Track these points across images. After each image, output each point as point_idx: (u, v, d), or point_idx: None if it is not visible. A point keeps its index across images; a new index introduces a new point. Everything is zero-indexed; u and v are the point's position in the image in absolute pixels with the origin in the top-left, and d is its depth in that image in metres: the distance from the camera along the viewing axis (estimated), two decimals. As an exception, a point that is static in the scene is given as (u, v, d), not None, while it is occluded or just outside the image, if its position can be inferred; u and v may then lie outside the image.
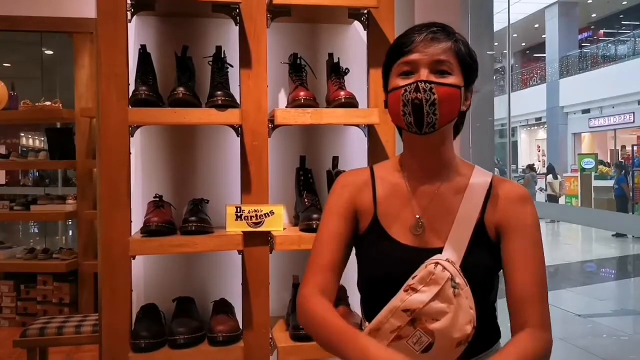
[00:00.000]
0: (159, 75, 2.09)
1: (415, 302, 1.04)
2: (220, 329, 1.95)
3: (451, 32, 1.14)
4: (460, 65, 1.12)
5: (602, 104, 20.22)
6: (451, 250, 1.11)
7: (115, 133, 1.94)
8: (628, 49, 19.31)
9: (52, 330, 3.23)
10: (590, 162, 16.62)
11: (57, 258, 4.84)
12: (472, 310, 1.06)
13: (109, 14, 1.96)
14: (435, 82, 1.08)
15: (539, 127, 25.33)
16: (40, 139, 7.49)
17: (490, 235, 1.15)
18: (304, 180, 2.18)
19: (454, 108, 1.11)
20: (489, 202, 1.15)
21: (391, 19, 2.16)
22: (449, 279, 1.05)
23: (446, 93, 1.09)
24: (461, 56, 1.12)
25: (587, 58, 21.06)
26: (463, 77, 1.13)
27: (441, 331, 1.03)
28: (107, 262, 1.92)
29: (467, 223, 1.13)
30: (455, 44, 1.12)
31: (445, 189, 1.17)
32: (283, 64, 2.20)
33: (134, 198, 2.05)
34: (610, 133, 21.71)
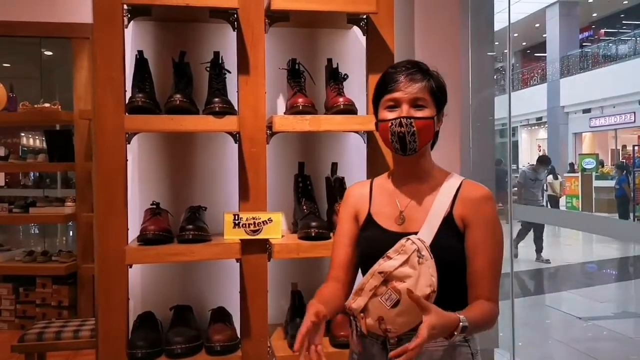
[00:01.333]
0: (156, 81, 2.07)
1: (388, 266, 1.34)
2: (218, 339, 1.93)
3: (426, 71, 1.45)
4: (433, 99, 1.43)
5: (603, 104, 20.18)
6: (423, 233, 1.40)
7: (111, 139, 1.92)
8: (629, 49, 19.26)
9: (50, 335, 3.21)
10: (591, 162, 16.59)
11: (56, 261, 4.82)
12: (433, 278, 1.32)
13: (105, 20, 1.94)
14: (414, 117, 1.40)
15: (539, 126, 25.29)
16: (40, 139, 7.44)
17: (458, 225, 1.41)
18: (302, 187, 2.16)
19: (430, 134, 1.43)
20: (457, 199, 1.43)
21: (390, 24, 2.14)
22: (415, 250, 1.34)
23: (423, 124, 1.41)
24: (433, 92, 1.43)
25: (588, 58, 21.02)
26: (435, 107, 1.43)
27: (405, 290, 1.28)
28: (103, 271, 1.91)
29: (438, 214, 1.42)
30: (428, 82, 1.42)
31: (423, 189, 1.47)
32: (281, 69, 2.18)
33: (131, 205, 2.03)
34: (611, 133, 21.68)
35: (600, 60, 20.44)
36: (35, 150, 7.64)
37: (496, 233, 1.42)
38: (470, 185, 1.45)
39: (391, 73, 1.45)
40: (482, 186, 1.45)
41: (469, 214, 1.40)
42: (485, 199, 1.42)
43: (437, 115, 1.44)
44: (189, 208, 2.05)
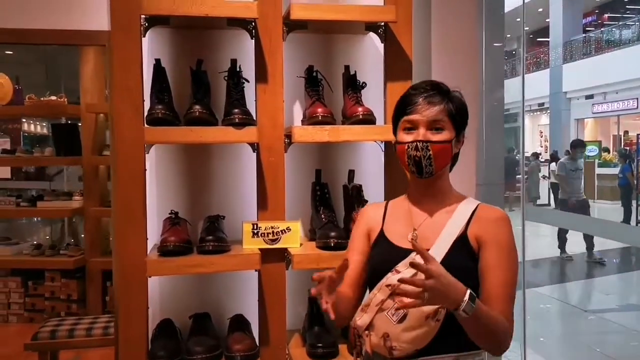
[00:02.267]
0: (173, 89, 2.06)
1: (396, 279, 1.28)
2: (238, 348, 1.94)
3: (446, 93, 1.44)
4: (452, 122, 1.43)
5: (606, 90, 20.10)
6: (434, 251, 1.38)
7: (130, 150, 1.92)
8: (632, 34, 19.14)
9: (64, 333, 3.23)
10: (593, 150, 16.58)
11: (65, 254, 4.84)
12: None
13: (122, 29, 1.92)
14: (430, 141, 1.40)
15: (541, 112, 25.22)
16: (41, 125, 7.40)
17: (473, 245, 1.40)
18: (320, 195, 2.16)
19: (447, 158, 1.44)
20: (472, 220, 1.43)
21: (409, 32, 2.12)
22: None
23: (439, 148, 1.41)
24: (452, 115, 1.43)
25: (591, 43, 20.89)
26: (454, 129, 1.43)
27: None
28: (123, 283, 1.91)
29: (451, 233, 1.41)
30: (447, 105, 1.42)
31: (439, 210, 1.47)
32: (299, 76, 2.17)
33: (150, 214, 2.03)
34: (614, 119, 21.62)
35: (604, 45, 20.31)
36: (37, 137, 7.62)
37: (511, 255, 1.40)
38: (486, 208, 1.46)
39: (410, 95, 1.45)
40: (498, 209, 1.46)
41: (483, 235, 1.40)
42: (502, 220, 1.43)
43: (456, 137, 1.44)
44: (207, 217, 2.05)
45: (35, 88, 5.69)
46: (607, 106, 20.63)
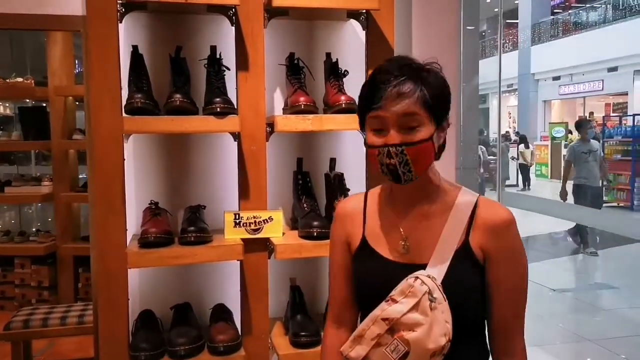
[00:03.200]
0: (152, 76, 2.01)
1: (394, 312, 1.13)
2: (221, 339, 1.93)
3: (418, 75, 1.15)
4: (429, 113, 1.15)
5: (573, 72, 20.44)
6: (434, 267, 1.18)
7: (108, 141, 1.87)
8: (599, 17, 19.44)
9: (37, 323, 3.18)
10: (560, 131, 16.89)
11: (35, 241, 4.75)
12: (447, 324, 1.13)
13: (98, 16, 1.86)
14: (405, 144, 1.13)
15: (510, 94, 25.53)
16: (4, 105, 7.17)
17: (477, 256, 1.20)
18: (302, 184, 2.15)
19: (428, 159, 1.17)
20: (474, 223, 1.20)
21: (390, 19, 2.11)
22: (427, 292, 1.12)
23: (418, 151, 1.14)
24: (428, 104, 1.14)
25: (558, 25, 21.15)
26: (434, 121, 1.16)
27: (416, 341, 1.11)
28: (102, 275, 1.88)
29: (451, 242, 1.19)
30: (421, 92, 1.14)
31: (431, 210, 1.23)
32: (280, 64, 2.14)
33: (129, 204, 1.99)
34: (580, 100, 22.03)
35: (571, 27, 20.59)
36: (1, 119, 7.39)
37: (521, 264, 1.21)
38: (487, 207, 1.21)
39: (374, 83, 1.17)
40: (501, 206, 1.22)
41: (490, 244, 1.18)
42: (508, 224, 1.19)
43: (436, 130, 1.16)
44: (188, 208, 2.03)
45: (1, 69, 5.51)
46: (573, 88, 21.00)
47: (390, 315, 1.13)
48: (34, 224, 5.79)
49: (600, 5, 19.44)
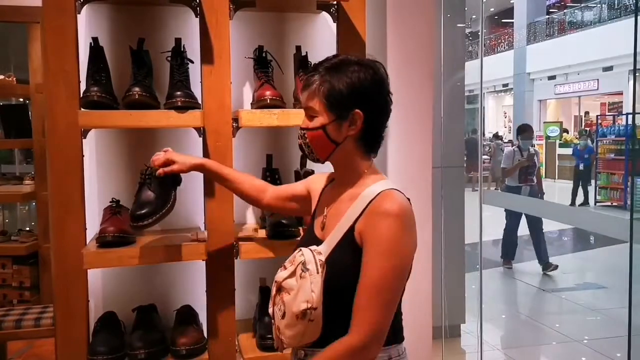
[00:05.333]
0: (113, 71, 1.94)
1: (279, 277, 1.35)
2: (184, 342, 1.86)
3: (325, 73, 1.32)
4: (326, 105, 1.31)
5: (568, 71, 20.41)
6: (325, 245, 1.34)
7: (65, 136, 1.80)
8: (594, 16, 19.41)
9: (10, 324, 3.12)
10: (555, 130, 16.86)
11: (16, 240, 4.66)
12: (313, 293, 1.27)
13: (55, 5, 1.79)
14: (305, 129, 1.36)
15: (505, 93, 25.51)
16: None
17: (357, 241, 1.30)
18: (271, 181, 2.07)
19: (324, 144, 1.34)
20: (364, 212, 1.30)
21: (362, 11, 2.04)
22: (301, 262, 1.30)
23: (312, 136, 1.35)
24: (324, 98, 1.31)
25: (554, 24, 21.12)
26: (332, 112, 1.31)
27: (287, 303, 1.30)
28: (60, 275, 1.81)
29: (345, 226, 1.32)
30: (320, 86, 1.31)
31: (345, 196, 1.38)
32: (247, 57, 2.07)
33: (90, 202, 1.92)
34: (575, 99, 22.02)
35: (566, 27, 20.56)
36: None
37: (389, 256, 1.24)
38: (382, 199, 1.29)
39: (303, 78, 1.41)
40: (393, 200, 1.28)
41: (366, 230, 1.28)
42: (385, 215, 1.25)
43: (335, 121, 1.31)
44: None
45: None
46: (568, 87, 20.98)
47: (277, 278, 1.35)
48: (18, 223, 5.72)
49: (596, 4, 19.41)
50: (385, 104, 1.35)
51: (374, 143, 1.38)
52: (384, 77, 1.35)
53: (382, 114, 1.35)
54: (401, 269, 1.26)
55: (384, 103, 1.34)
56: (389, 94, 1.36)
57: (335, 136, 1.33)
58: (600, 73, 18.94)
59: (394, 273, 1.25)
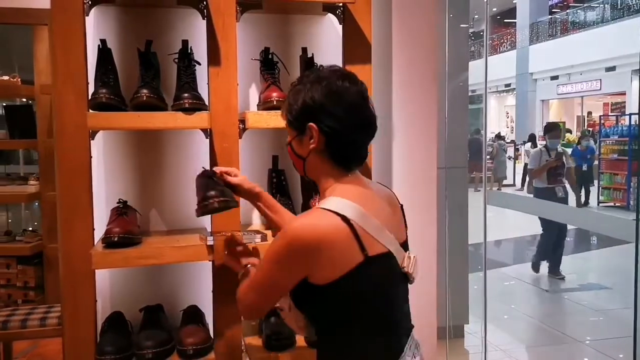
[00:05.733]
0: (121, 72, 1.95)
1: None
2: (190, 342, 1.87)
3: (293, 89, 1.38)
4: (288, 122, 1.39)
5: (571, 71, 20.40)
6: None
7: (73, 138, 1.81)
8: (597, 16, 19.39)
9: (16, 324, 3.13)
10: (557, 131, 16.80)
11: (21, 241, 4.68)
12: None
13: (63, 8, 1.80)
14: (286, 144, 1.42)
15: (508, 93, 25.50)
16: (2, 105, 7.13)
17: None
18: (277, 182, 2.10)
19: (294, 159, 1.40)
20: None
21: (368, 13, 2.05)
22: None
23: (289, 152, 1.42)
24: (287, 115, 1.38)
25: (556, 24, 21.11)
26: (293, 129, 1.37)
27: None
28: (68, 276, 1.82)
29: None
30: (286, 102, 1.39)
31: None
32: (254, 59, 2.09)
33: (98, 203, 1.93)
34: (578, 100, 22.00)
35: (569, 27, 20.55)
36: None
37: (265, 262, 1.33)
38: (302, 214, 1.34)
39: None
40: (303, 219, 1.28)
41: None
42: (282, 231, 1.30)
43: (297, 136, 1.36)
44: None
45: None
46: (571, 87, 20.97)
47: None
48: (23, 223, 5.74)
49: (598, 4, 19.39)
50: (346, 116, 1.31)
51: (344, 155, 1.35)
52: (342, 91, 1.31)
53: (345, 127, 1.31)
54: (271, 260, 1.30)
55: (343, 115, 1.30)
56: (353, 107, 1.32)
57: (299, 151, 1.38)
58: (603, 73, 18.93)
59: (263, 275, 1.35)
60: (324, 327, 1.34)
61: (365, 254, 1.24)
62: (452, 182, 3.71)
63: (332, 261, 1.22)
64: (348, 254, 1.23)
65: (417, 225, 2.48)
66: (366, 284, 1.26)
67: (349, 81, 1.33)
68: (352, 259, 1.23)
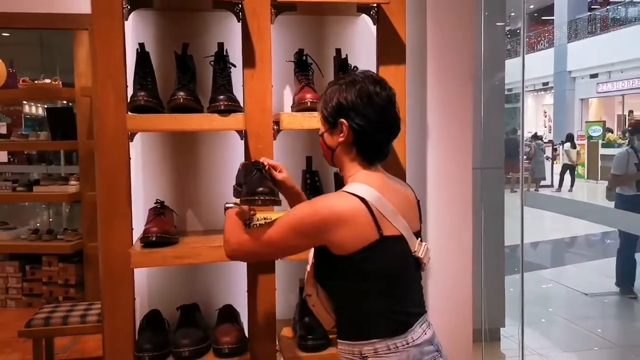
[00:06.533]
0: (158, 75, 2.00)
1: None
2: (226, 340, 1.90)
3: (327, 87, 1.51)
4: (323, 116, 1.50)
5: (611, 69, 19.88)
6: None
7: (113, 139, 1.86)
8: (639, 12, 18.87)
9: (57, 320, 3.21)
10: (597, 130, 16.44)
11: (62, 239, 4.81)
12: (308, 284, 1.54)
13: (104, 13, 1.85)
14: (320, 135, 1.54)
15: (545, 92, 25.00)
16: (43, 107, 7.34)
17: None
18: (310, 183, 2.11)
19: (324, 149, 1.53)
20: None
21: (402, 13, 2.04)
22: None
23: (320, 142, 1.54)
24: (323, 110, 1.50)
25: (596, 21, 20.61)
26: (327, 123, 1.49)
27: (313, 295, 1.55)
28: (108, 274, 1.87)
29: None
30: (321, 99, 1.52)
31: None
32: (288, 61, 2.10)
33: (136, 203, 1.98)
34: (618, 98, 21.42)
35: (609, 23, 20.04)
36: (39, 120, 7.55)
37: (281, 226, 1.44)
38: None
39: None
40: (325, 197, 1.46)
41: None
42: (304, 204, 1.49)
43: (329, 130, 1.49)
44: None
45: (31, 70, 5.62)
46: (611, 85, 20.43)
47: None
48: (64, 222, 5.89)
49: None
50: (374, 117, 1.44)
51: (368, 151, 1.47)
52: (373, 95, 1.44)
53: (372, 126, 1.44)
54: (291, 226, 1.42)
55: (372, 116, 1.44)
56: (381, 109, 1.45)
57: (330, 143, 1.50)
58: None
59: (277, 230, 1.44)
60: (341, 302, 1.47)
61: (380, 233, 1.37)
62: (488, 182, 3.66)
63: (351, 235, 1.36)
64: (365, 231, 1.37)
65: (453, 226, 2.46)
66: (381, 260, 1.39)
67: (380, 86, 1.46)
68: (368, 236, 1.37)
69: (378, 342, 1.40)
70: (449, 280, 2.40)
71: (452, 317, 2.35)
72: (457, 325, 2.47)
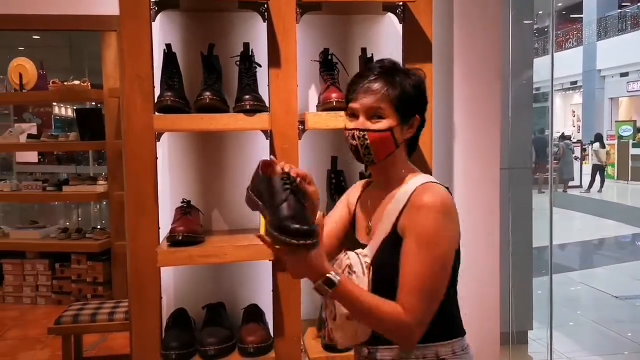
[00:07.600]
0: (185, 75, 2.01)
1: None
2: (252, 340, 1.91)
3: (390, 76, 1.34)
4: (394, 109, 1.33)
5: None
6: (370, 247, 1.36)
7: (140, 139, 1.88)
8: (672, 9, 18.45)
9: (86, 318, 3.26)
10: (628, 130, 16.11)
11: (90, 238, 4.90)
12: None
13: (131, 15, 1.87)
14: (367, 130, 1.34)
15: (574, 91, 24.58)
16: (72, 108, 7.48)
17: (400, 236, 1.31)
18: (335, 183, 2.10)
19: (387, 146, 1.35)
20: (405, 208, 1.32)
21: (428, 12, 2.03)
22: (347, 265, 1.32)
23: (377, 137, 1.34)
24: (394, 101, 1.33)
25: (626, 19, 20.19)
26: (398, 116, 1.34)
27: (338, 305, 1.30)
28: (135, 273, 1.89)
29: (386, 225, 1.34)
30: (388, 91, 1.33)
31: (388, 196, 1.39)
32: (313, 60, 2.10)
33: (163, 202, 2.00)
34: (649, 97, 20.98)
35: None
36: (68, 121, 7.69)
37: (431, 247, 1.25)
38: (421, 191, 1.31)
39: (352, 81, 1.40)
40: (432, 192, 1.30)
41: (407, 224, 1.29)
42: (425, 207, 1.28)
43: (401, 124, 1.35)
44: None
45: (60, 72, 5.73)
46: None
47: None
48: (92, 221, 6.00)
49: (673, -3, 18.43)
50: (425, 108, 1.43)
51: (414, 146, 1.45)
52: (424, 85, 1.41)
53: (423, 118, 1.42)
54: (442, 259, 1.28)
55: (426, 107, 1.42)
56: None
57: (398, 138, 1.37)
58: (678, 69, 17.97)
59: (435, 263, 1.27)
60: None
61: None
62: (515, 183, 3.61)
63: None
64: None
65: (480, 227, 2.43)
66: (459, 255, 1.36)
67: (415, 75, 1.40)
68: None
69: (457, 341, 1.37)
70: (476, 281, 2.37)
71: (479, 319, 2.32)
72: (484, 327, 2.44)
